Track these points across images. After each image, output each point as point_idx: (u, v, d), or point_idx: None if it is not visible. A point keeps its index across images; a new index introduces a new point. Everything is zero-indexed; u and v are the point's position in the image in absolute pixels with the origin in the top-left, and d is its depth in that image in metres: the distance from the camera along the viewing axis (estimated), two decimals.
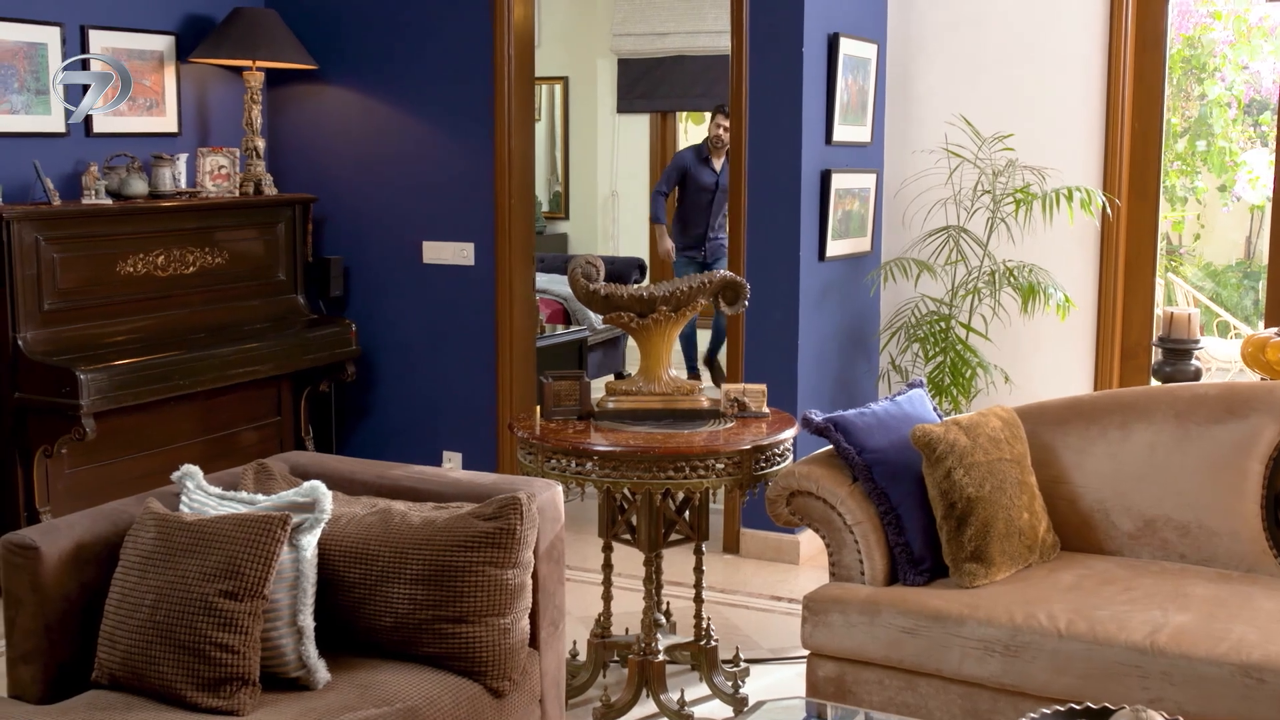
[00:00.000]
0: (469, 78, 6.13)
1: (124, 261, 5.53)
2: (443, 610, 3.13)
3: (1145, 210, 5.78)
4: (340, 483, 3.53)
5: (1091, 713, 2.66)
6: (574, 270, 4.19)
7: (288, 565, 3.04)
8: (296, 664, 3.03)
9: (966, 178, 5.78)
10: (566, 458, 3.91)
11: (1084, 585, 3.67)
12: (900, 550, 3.77)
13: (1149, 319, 5.82)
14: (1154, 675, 3.27)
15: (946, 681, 3.54)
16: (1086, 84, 5.79)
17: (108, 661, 2.99)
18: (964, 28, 6.02)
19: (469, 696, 3.13)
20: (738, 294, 4.16)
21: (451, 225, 6.26)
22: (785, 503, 3.92)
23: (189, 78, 6.22)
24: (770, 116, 5.56)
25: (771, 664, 4.63)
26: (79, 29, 5.68)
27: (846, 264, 5.93)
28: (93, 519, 3.23)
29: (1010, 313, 5.80)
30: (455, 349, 6.30)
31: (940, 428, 3.78)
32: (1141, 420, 4.05)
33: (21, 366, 5.10)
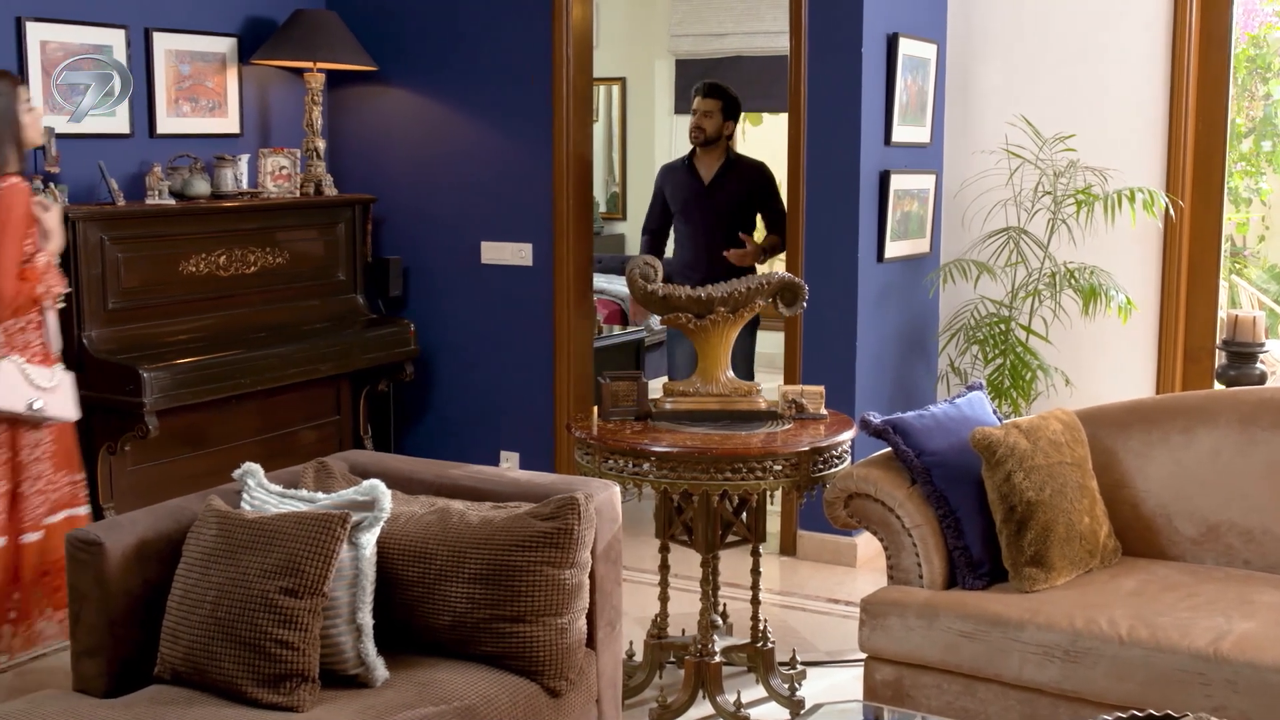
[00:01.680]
0: (528, 78, 6.15)
1: (187, 261, 5.59)
2: (500, 609, 3.14)
3: (1209, 212, 5.71)
4: (399, 482, 3.55)
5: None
6: (632, 271, 4.19)
7: (347, 563, 3.06)
8: (355, 661, 3.05)
9: (1027, 179, 5.73)
10: (624, 458, 3.92)
11: (1146, 591, 3.63)
12: (959, 554, 3.75)
13: (1212, 322, 5.75)
14: (1217, 683, 3.23)
15: (1005, 686, 3.51)
16: (1150, 84, 5.73)
17: (170, 657, 3.02)
18: (1025, 27, 5.97)
19: (526, 696, 3.13)
20: (796, 295, 4.15)
21: (510, 226, 6.28)
22: (843, 505, 3.90)
23: (251, 79, 6.28)
24: (829, 117, 5.54)
25: (828, 667, 4.62)
26: (143, 31, 5.75)
27: (905, 265, 5.90)
28: (155, 516, 3.26)
29: (1071, 315, 5.75)
30: (513, 349, 6.32)
31: (1000, 430, 3.75)
32: (1205, 424, 4.00)
33: (86, 365, 5.16)
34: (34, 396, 4.10)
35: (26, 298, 4.11)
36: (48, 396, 4.13)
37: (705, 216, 6.32)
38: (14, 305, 4.08)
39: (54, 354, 4.21)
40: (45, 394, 4.13)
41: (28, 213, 4.10)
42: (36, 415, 4.11)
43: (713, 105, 6.28)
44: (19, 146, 4.17)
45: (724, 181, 6.30)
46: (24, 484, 4.17)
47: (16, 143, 4.16)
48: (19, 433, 4.15)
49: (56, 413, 4.17)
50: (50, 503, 4.24)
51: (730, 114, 6.30)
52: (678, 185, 6.41)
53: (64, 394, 4.19)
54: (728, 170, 6.31)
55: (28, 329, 4.19)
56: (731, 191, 6.29)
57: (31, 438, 4.17)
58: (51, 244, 4.24)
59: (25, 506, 4.17)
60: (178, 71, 5.91)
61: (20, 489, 4.16)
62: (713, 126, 6.27)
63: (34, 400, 4.09)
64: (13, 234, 4.04)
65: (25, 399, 4.08)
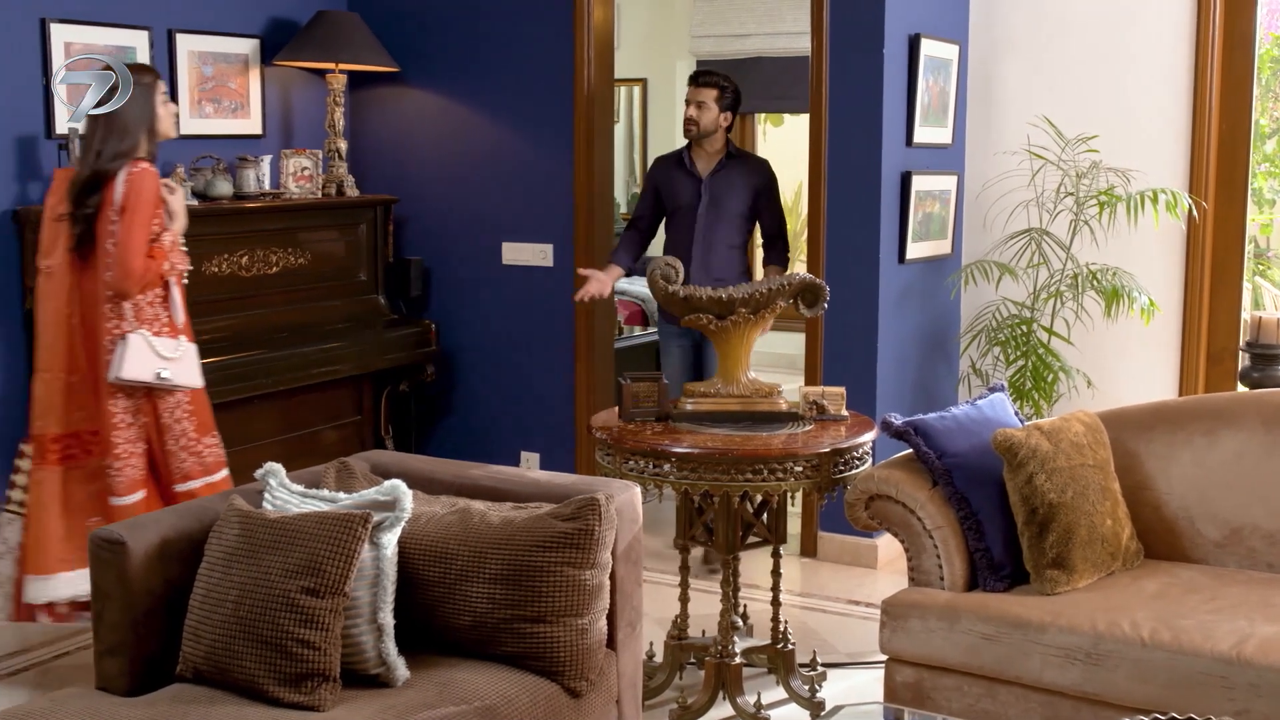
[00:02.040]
0: (549, 80, 6.16)
1: (209, 261, 5.61)
2: (521, 610, 3.14)
3: (1232, 213, 5.68)
4: (420, 482, 3.55)
5: None
6: (653, 272, 4.19)
7: (368, 563, 3.06)
8: (376, 661, 3.06)
9: (1049, 180, 5.72)
10: (645, 459, 3.92)
11: (1168, 594, 3.61)
12: (980, 556, 3.74)
13: (1236, 323, 5.72)
14: (1240, 686, 3.22)
15: (1027, 689, 3.50)
16: (1173, 85, 5.70)
17: (192, 656, 3.04)
18: (1047, 28, 5.96)
19: (546, 696, 3.14)
20: (817, 296, 4.14)
21: (531, 226, 6.29)
22: (864, 506, 3.90)
23: (273, 80, 6.30)
24: (850, 118, 5.53)
25: (849, 668, 4.61)
26: (166, 33, 5.78)
27: (927, 266, 5.89)
28: (178, 515, 3.28)
29: (1093, 316, 5.73)
30: (534, 350, 6.33)
31: (1022, 432, 3.74)
32: (1228, 427, 3.98)
33: None
34: (161, 366, 4.36)
35: (154, 274, 4.37)
36: (173, 366, 4.40)
37: (699, 216, 5.74)
38: (143, 281, 4.33)
39: (178, 326, 4.47)
40: (171, 364, 4.39)
41: (156, 195, 4.38)
42: (164, 384, 4.38)
43: (707, 95, 5.70)
44: (152, 136, 4.46)
45: (721, 180, 5.73)
46: (168, 441, 4.45)
47: (150, 132, 4.45)
48: (156, 398, 4.42)
49: (182, 380, 4.43)
50: (204, 465, 4.53)
51: (728, 104, 5.71)
52: (671, 180, 5.84)
53: (188, 363, 4.47)
54: (726, 167, 5.74)
55: (155, 303, 4.42)
56: (729, 191, 5.75)
57: (170, 401, 4.45)
58: (176, 224, 4.49)
59: (173, 462, 4.46)
60: (200, 73, 5.93)
61: (166, 447, 4.45)
62: (708, 119, 5.69)
63: (161, 370, 4.36)
64: (143, 215, 4.31)
65: (153, 369, 4.34)
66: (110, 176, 4.33)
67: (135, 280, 4.30)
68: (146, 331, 4.35)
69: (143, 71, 4.48)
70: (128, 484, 4.38)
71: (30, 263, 5.22)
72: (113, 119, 4.34)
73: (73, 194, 4.38)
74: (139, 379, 4.32)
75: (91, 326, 4.40)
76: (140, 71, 4.46)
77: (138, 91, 4.36)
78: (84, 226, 4.36)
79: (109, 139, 4.36)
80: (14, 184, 5.31)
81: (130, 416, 4.39)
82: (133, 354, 4.30)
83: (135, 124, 4.39)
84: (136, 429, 4.40)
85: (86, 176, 4.36)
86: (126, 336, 4.32)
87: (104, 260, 4.34)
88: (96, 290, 4.38)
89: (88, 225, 4.35)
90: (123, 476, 4.37)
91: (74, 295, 4.43)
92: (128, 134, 4.37)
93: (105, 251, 4.33)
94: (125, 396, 4.37)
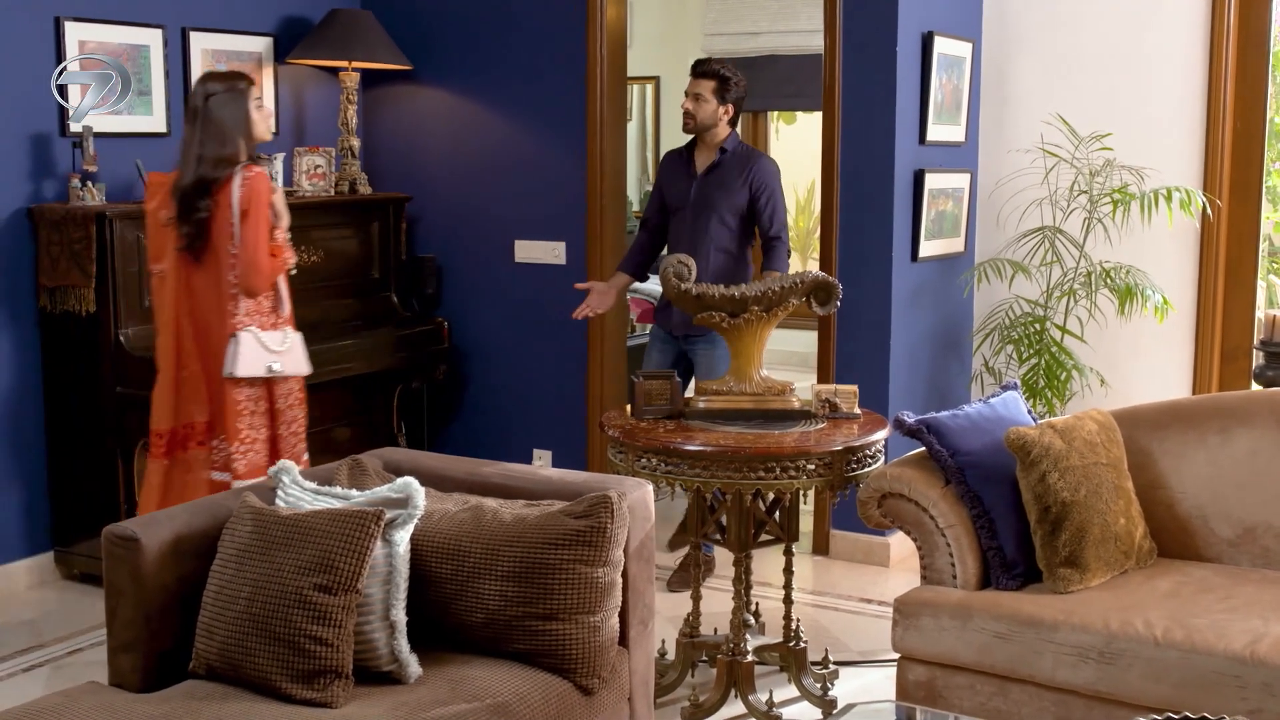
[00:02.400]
0: (561, 78, 6.16)
1: None
2: (533, 607, 3.14)
3: (1247, 211, 5.67)
4: (432, 479, 3.56)
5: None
6: (665, 270, 4.19)
7: (381, 560, 3.07)
8: (389, 658, 3.06)
9: (1062, 178, 5.71)
10: (657, 457, 3.91)
11: (1181, 593, 3.60)
12: (993, 554, 3.73)
13: (1250, 322, 5.71)
14: (1254, 686, 3.21)
15: (1039, 688, 3.50)
16: (1187, 83, 5.69)
17: (205, 652, 3.04)
18: (1061, 25, 5.94)
19: (558, 693, 3.14)
20: (830, 294, 4.14)
21: (543, 224, 6.29)
22: (876, 504, 3.89)
23: (286, 78, 6.32)
24: (863, 116, 5.53)
25: (861, 667, 4.61)
26: (180, 31, 5.79)
27: (940, 265, 5.88)
28: (191, 512, 3.28)
29: (1107, 315, 5.72)
30: (546, 347, 6.33)
31: (1035, 431, 3.74)
32: (1242, 425, 3.97)
33: (123, 361, 5.20)
34: (271, 360, 4.60)
35: (278, 271, 4.61)
36: (282, 358, 4.63)
37: (692, 213, 5.38)
38: (270, 279, 4.56)
39: (284, 316, 4.69)
40: (279, 356, 4.62)
41: (269, 196, 4.57)
42: (276, 375, 4.63)
43: (704, 86, 5.34)
44: (249, 140, 4.60)
45: (713, 178, 5.35)
46: (281, 427, 4.70)
47: (247, 137, 4.59)
48: (273, 385, 4.66)
49: (292, 370, 4.68)
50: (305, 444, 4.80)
51: (729, 96, 5.33)
52: (672, 177, 5.52)
53: (296, 353, 4.70)
54: (720, 165, 5.35)
55: (267, 297, 4.63)
56: (718, 191, 5.33)
57: (283, 388, 4.69)
58: (282, 222, 4.68)
59: (283, 446, 4.70)
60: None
61: (279, 433, 4.70)
62: (705, 112, 5.32)
63: (272, 363, 4.60)
64: (264, 216, 4.52)
65: (264, 363, 4.58)
66: (218, 182, 4.49)
67: (264, 278, 4.52)
68: (255, 328, 4.56)
69: (236, 78, 4.64)
70: (249, 468, 4.60)
71: (45, 261, 5.26)
72: (209, 126, 4.50)
73: (179, 198, 4.52)
74: (252, 374, 4.55)
75: (204, 323, 4.60)
76: (234, 78, 4.63)
77: (231, 97, 4.55)
78: (194, 229, 4.51)
79: (208, 144, 4.51)
80: (28, 182, 5.33)
81: (252, 404, 4.61)
82: (245, 351, 4.52)
83: (232, 129, 4.53)
84: (259, 416, 4.64)
85: (192, 182, 4.50)
86: (237, 335, 4.52)
87: (226, 261, 4.51)
88: (210, 289, 4.57)
89: (198, 228, 4.51)
90: (245, 460, 4.60)
91: (184, 295, 4.61)
92: (227, 140, 4.52)
93: (226, 253, 4.50)
94: (247, 385, 4.59)
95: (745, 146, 5.46)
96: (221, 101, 4.54)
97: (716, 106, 5.33)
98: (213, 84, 4.60)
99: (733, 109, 5.36)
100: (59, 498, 5.48)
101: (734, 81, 5.35)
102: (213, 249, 4.53)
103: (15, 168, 5.29)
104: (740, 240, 5.36)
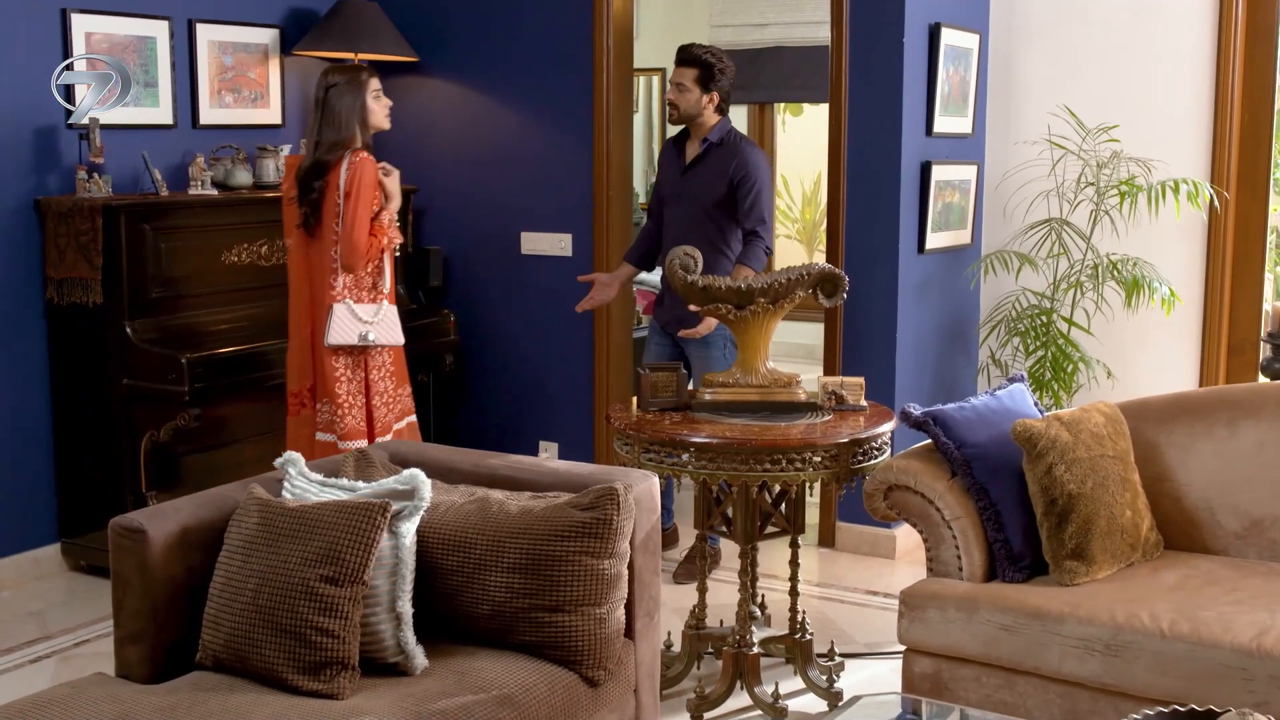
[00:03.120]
0: (568, 70, 6.15)
1: (229, 251, 5.63)
2: (539, 599, 3.15)
3: (1255, 203, 5.65)
4: (439, 471, 3.56)
5: (1195, 715, 2.60)
6: (671, 262, 4.18)
7: (387, 552, 3.07)
8: (395, 649, 3.07)
9: (1069, 170, 5.70)
10: (663, 449, 3.91)
11: (1188, 585, 3.60)
12: (999, 546, 3.73)
13: (1257, 314, 5.69)
14: (1260, 679, 3.21)
15: (1045, 680, 3.49)
16: (1195, 75, 5.67)
17: (211, 644, 3.05)
18: (1068, 17, 5.93)
19: (564, 685, 3.14)
20: (836, 286, 4.13)
21: (550, 216, 6.29)
22: (883, 497, 3.89)
23: (293, 70, 6.32)
24: (870, 108, 5.52)
25: (867, 659, 4.61)
26: (186, 22, 5.79)
27: (946, 257, 5.87)
28: (198, 504, 3.29)
29: (1113, 307, 5.71)
30: (553, 339, 6.33)
31: (1041, 423, 3.73)
32: (1249, 418, 3.96)
33: (130, 353, 5.21)
34: (364, 330, 4.92)
35: (375, 250, 4.92)
36: (375, 328, 4.95)
37: (679, 205, 5.30)
38: (368, 256, 4.89)
39: (384, 292, 5.00)
40: (372, 326, 4.94)
41: (375, 180, 4.90)
42: (369, 345, 4.94)
43: (685, 74, 5.19)
44: (365, 128, 4.96)
45: (701, 167, 5.24)
46: (374, 397, 5.01)
47: (364, 125, 4.95)
48: (368, 356, 4.97)
49: (385, 340, 4.98)
50: (396, 412, 5.10)
51: (712, 85, 5.19)
52: (667, 165, 5.42)
53: (389, 324, 5.00)
54: (705, 156, 5.24)
55: (371, 273, 4.97)
56: (698, 182, 5.24)
57: (378, 359, 5.01)
58: (392, 204, 4.99)
59: (375, 415, 5.00)
60: (220, 62, 5.95)
61: (372, 401, 5.00)
62: (687, 102, 5.18)
63: (365, 333, 4.92)
64: (365, 197, 4.84)
65: (357, 333, 4.91)
66: (329, 165, 4.87)
67: (361, 255, 4.84)
68: (350, 300, 4.90)
69: (356, 70, 5.00)
70: (349, 431, 4.94)
71: (51, 253, 5.27)
72: (328, 114, 4.90)
73: (298, 180, 4.92)
74: (345, 342, 4.89)
75: (317, 294, 4.96)
76: (356, 70, 4.99)
77: (351, 88, 4.92)
78: (309, 208, 4.89)
79: (326, 131, 4.90)
80: (34, 174, 5.33)
81: (350, 372, 4.95)
82: (338, 322, 4.87)
83: (348, 118, 4.89)
84: (356, 383, 4.97)
85: (309, 165, 4.91)
86: (332, 307, 4.88)
87: (330, 238, 4.87)
88: (322, 263, 4.92)
89: (313, 208, 4.89)
90: (344, 425, 4.94)
91: (303, 268, 5.00)
92: (342, 127, 4.89)
93: (332, 230, 4.86)
94: (345, 354, 4.94)
95: (735, 136, 5.29)
96: (340, 92, 4.90)
97: (700, 96, 5.19)
98: (335, 76, 4.95)
99: (718, 97, 5.22)
100: (66, 489, 5.49)
101: (718, 69, 5.19)
102: (323, 226, 4.89)
103: (22, 159, 5.29)
104: (725, 233, 5.22)
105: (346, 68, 5.04)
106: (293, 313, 5.08)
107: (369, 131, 4.98)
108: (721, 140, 5.24)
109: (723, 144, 5.24)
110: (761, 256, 5.15)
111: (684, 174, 5.31)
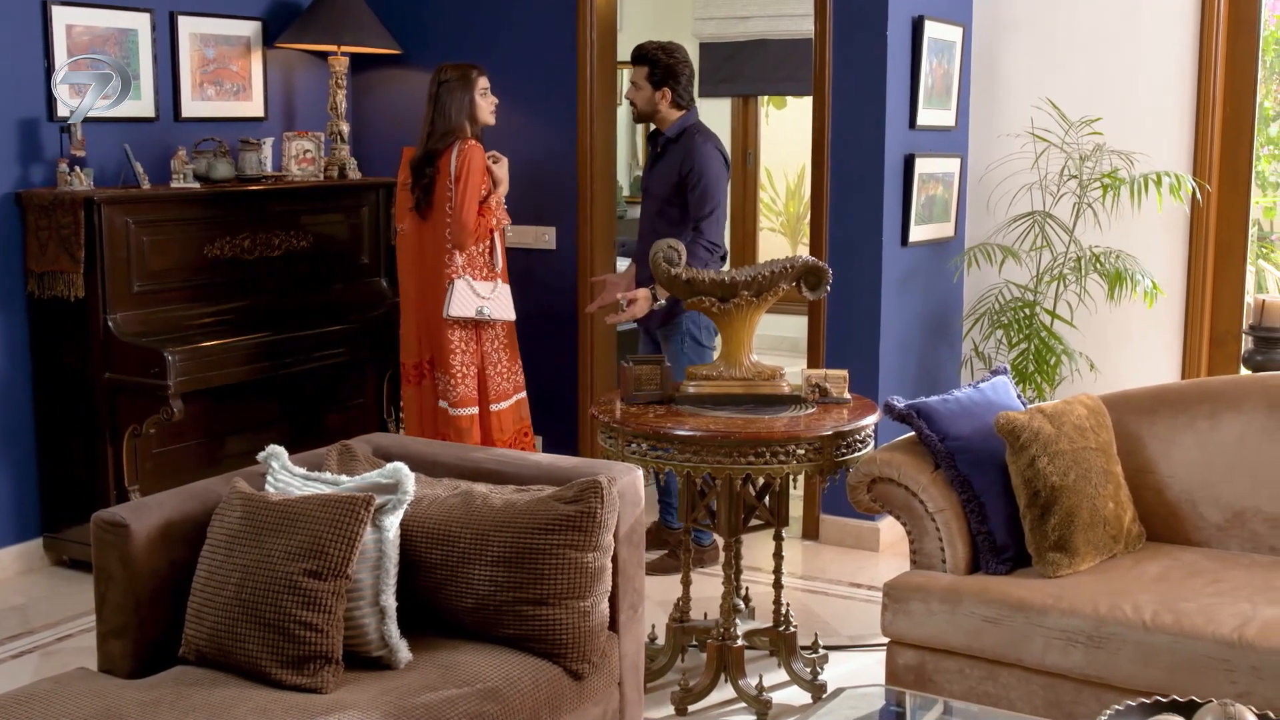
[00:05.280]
0: (551, 63, 6.14)
1: (211, 245, 5.61)
2: (523, 592, 3.14)
3: (1236, 196, 5.67)
4: (422, 464, 3.55)
5: (1178, 706, 2.62)
6: (655, 254, 4.18)
7: (371, 546, 3.06)
8: (379, 643, 3.06)
9: (1052, 162, 5.70)
10: (647, 442, 3.92)
11: (1170, 577, 3.61)
12: (983, 539, 3.74)
13: (1239, 306, 5.71)
14: (1242, 669, 3.22)
15: (1028, 672, 3.51)
16: (1177, 68, 5.69)
17: (195, 638, 3.04)
18: (1051, 10, 5.93)
19: (548, 678, 3.14)
20: (820, 279, 4.14)
21: (533, 209, 6.28)
22: (866, 489, 3.90)
23: (275, 63, 6.29)
24: (854, 100, 5.52)
25: (851, 651, 4.62)
26: (168, 15, 5.77)
27: (930, 249, 5.88)
28: (181, 498, 3.28)
29: (1096, 299, 5.72)
30: (536, 333, 6.31)
31: (1024, 415, 3.74)
32: (1231, 410, 3.98)
33: (112, 347, 5.19)
34: (481, 304, 5.31)
35: (484, 229, 5.31)
36: (490, 303, 5.34)
37: (644, 199, 5.44)
38: (476, 235, 5.27)
39: (497, 271, 5.40)
40: (488, 301, 5.34)
41: (483, 166, 5.30)
42: (485, 319, 5.34)
43: (638, 73, 5.28)
44: (474, 122, 5.36)
45: (661, 163, 5.32)
46: (488, 368, 5.41)
47: (471, 119, 5.35)
48: (481, 330, 5.38)
49: (499, 315, 5.38)
50: (513, 385, 5.52)
51: (661, 80, 5.23)
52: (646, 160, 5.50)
53: (503, 301, 5.40)
54: (664, 152, 5.31)
55: (483, 252, 5.37)
56: (653, 178, 5.35)
57: (490, 333, 5.41)
58: (500, 189, 5.39)
59: (489, 385, 5.42)
60: (202, 55, 5.92)
61: (485, 371, 5.41)
62: (641, 99, 5.28)
63: (481, 307, 5.31)
64: (474, 181, 5.24)
65: (475, 306, 5.30)
66: (440, 153, 5.29)
67: (470, 234, 5.23)
68: (469, 277, 5.30)
69: (467, 68, 5.38)
70: (461, 399, 5.34)
71: (33, 246, 5.25)
72: (439, 107, 5.32)
73: (412, 167, 5.35)
74: (464, 315, 5.27)
75: (431, 273, 5.33)
76: (466, 68, 5.38)
77: (460, 84, 5.33)
78: (421, 193, 5.32)
79: (437, 122, 5.32)
80: (16, 166, 5.31)
81: (464, 345, 5.34)
82: (458, 295, 5.26)
83: (457, 111, 5.31)
84: (470, 355, 5.36)
85: (422, 154, 5.33)
86: (453, 281, 5.27)
87: (443, 219, 5.28)
88: (436, 243, 5.31)
89: (425, 192, 5.31)
90: (457, 393, 5.33)
91: (416, 249, 5.40)
92: (450, 119, 5.30)
93: (444, 213, 5.27)
94: (460, 328, 5.32)
95: (693, 130, 5.27)
96: (451, 88, 5.32)
97: (652, 92, 5.26)
98: (447, 72, 5.35)
99: (670, 94, 5.25)
100: (48, 483, 5.46)
101: (663, 64, 5.22)
102: (435, 209, 5.30)
103: (2, 152, 5.26)
104: (676, 230, 5.15)
105: (459, 65, 5.38)
106: (402, 293, 5.50)
107: (477, 125, 5.36)
108: (678, 136, 5.27)
109: (678, 140, 5.26)
110: (700, 253, 5.09)
111: (648, 170, 5.45)
